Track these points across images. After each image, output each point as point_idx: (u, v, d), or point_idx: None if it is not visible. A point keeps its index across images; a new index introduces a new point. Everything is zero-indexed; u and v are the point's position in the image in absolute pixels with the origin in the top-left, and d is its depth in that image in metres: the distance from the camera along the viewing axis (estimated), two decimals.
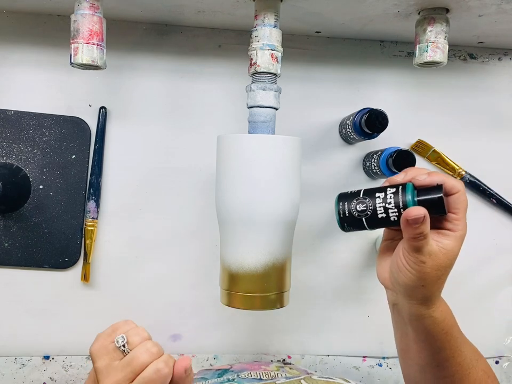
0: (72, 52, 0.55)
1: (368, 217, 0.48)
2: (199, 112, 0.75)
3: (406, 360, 0.55)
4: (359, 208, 0.48)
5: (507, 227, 0.81)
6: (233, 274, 0.55)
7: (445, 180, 0.47)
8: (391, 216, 0.47)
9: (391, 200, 0.47)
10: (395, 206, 0.47)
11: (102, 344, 0.46)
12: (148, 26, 0.73)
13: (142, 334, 0.47)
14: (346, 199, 0.50)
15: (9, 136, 0.71)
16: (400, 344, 0.55)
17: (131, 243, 0.74)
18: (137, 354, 0.45)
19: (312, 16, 0.66)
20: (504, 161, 0.80)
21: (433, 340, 0.50)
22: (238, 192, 0.54)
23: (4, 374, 0.74)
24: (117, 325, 0.49)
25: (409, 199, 0.46)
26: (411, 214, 0.44)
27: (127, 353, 0.45)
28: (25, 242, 0.72)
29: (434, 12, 0.59)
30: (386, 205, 0.47)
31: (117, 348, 0.46)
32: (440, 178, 0.47)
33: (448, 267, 0.48)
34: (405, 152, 0.67)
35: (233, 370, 0.65)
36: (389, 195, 0.47)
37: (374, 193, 0.48)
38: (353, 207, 0.49)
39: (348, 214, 0.49)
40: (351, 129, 0.71)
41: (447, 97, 0.79)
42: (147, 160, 0.74)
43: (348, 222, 0.50)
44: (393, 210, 0.47)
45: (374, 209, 0.48)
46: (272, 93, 0.56)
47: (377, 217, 0.48)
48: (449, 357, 0.51)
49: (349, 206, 0.49)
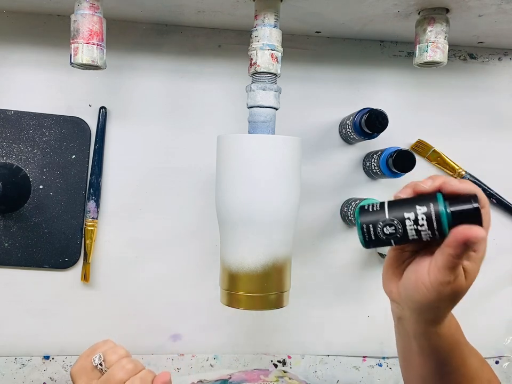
0: (72, 52, 0.55)
1: (397, 239, 0.43)
2: (199, 112, 0.75)
3: (409, 370, 0.54)
4: (387, 232, 0.43)
5: (507, 227, 0.81)
6: (233, 274, 0.55)
7: (477, 190, 0.42)
8: (424, 237, 0.42)
9: (423, 223, 0.42)
10: (428, 227, 0.42)
11: (82, 365, 0.47)
12: (148, 26, 0.73)
13: (119, 352, 0.48)
14: (370, 218, 0.43)
15: (9, 136, 0.71)
16: (403, 355, 0.54)
17: (131, 243, 0.74)
18: (113, 372, 0.45)
19: (312, 16, 0.66)
20: (504, 161, 0.80)
21: (438, 355, 0.48)
22: (238, 192, 0.54)
23: (4, 374, 0.74)
24: (96, 345, 0.50)
25: (443, 212, 0.41)
26: (472, 235, 0.39)
27: (104, 371, 0.46)
28: (25, 242, 0.72)
29: (434, 11, 0.59)
30: (418, 227, 0.42)
31: (95, 367, 0.46)
32: (473, 188, 0.42)
33: (466, 290, 0.45)
34: (405, 152, 0.67)
35: (232, 382, 0.65)
36: (420, 216, 0.42)
37: (402, 212, 0.42)
38: (380, 230, 0.43)
39: (374, 237, 0.43)
40: (351, 129, 0.71)
41: (447, 97, 0.79)
42: (147, 160, 0.74)
43: (373, 243, 0.44)
44: (426, 232, 0.42)
45: (405, 232, 0.42)
46: (272, 93, 0.56)
47: (408, 239, 0.43)
48: (454, 369, 0.49)
49: (375, 228, 0.43)
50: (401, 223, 0.42)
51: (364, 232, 0.44)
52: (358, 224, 0.44)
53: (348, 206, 0.74)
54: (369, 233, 0.43)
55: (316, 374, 0.79)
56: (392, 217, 0.42)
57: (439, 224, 0.41)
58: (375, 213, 0.43)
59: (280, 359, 0.78)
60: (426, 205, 0.42)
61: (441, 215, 0.41)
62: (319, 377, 0.79)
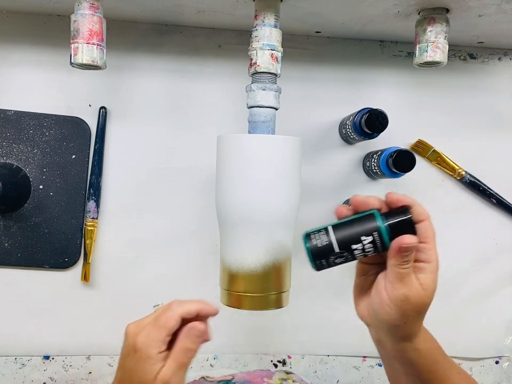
0: (72, 52, 0.55)
1: (347, 262, 0.48)
2: (199, 112, 0.75)
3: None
4: (338, 261, 0.47)
5: (507, 227, 0.81)
6: (233, 274, 0.55)
7: (413, 203, 0.46)
8: (371, 255, 0.47)
9: (370, 249, 0.46)
10: (374, 250, 0.46)
11: (140, 318, 0.48)
12: (148, 26, 0.73)
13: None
14: (319, 249, 0.47)
15: (9, 136, 0.71)
16: (391, 378, 0.55)
17: (131, 243, 0.74)
18: (161, 308, 0.46)
19: (312, 16, 0.66)
20: (504, 161, 0.80)
21: (420, 372, 0.49)
22: (238, 192, 0.54)
23: (4, 374, 0.74)
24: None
25: (382, 228, 0.45)
26: (404, 242, 0.44)
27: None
28: (25, 242, 0.72)
29: (434, 12, 0.59)
30: (366, 252, 0.46)
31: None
32: (408, 200, 0.46)
33: (428, 303, 0.47)
34: (405, 152, 0.67)
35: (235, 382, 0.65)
36: (367, 245, 0.46)
37: (350, 245, 0.46)
38: (332, 261, 0.47)
39: (326, 264, 0.47)
40: (351, 129, 0.71)
41: (447, 97, 0.79)
42: (147, 160, 0.74)
43: (325, 268, 0.48)
44: (373, 252, 0.47)
45: (354, 257, 0.47)
46: (272, 93, 0.56)
47: (356, 259, 0.48)
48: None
49: (326, 259, 0.47)
50: (351, 253, 0.46)
51: (315, 261, 0.47)
52: (309, 253, 0.47)
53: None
54: (321, 263, 0.47)
55: (316, 374, 0.79)
56: (342, 251, 0.46)
57: (382, 242, 0.46)
58: (323, 246, 0.47)
59: (280, 359, 0.78)
60: (370, 232, 0.46)
61: (381, 232, 0.45)
62: (319, 377, 0.79)
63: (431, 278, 0.47)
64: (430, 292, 0.47)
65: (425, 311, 0.48)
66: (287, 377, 0.68)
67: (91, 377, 0.75)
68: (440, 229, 0.79)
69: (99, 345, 0.74)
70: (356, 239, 0.46)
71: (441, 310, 0.80)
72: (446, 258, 0.79)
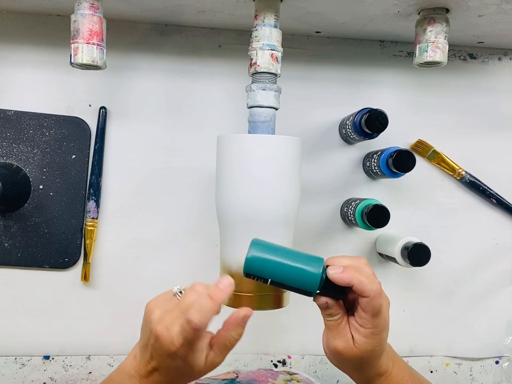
0: (72, 52, 0.55)
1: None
2: (199, 112, 0.75)
3: None
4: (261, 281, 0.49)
5: (507, 227, 0.81)
6: (233, 274, 0.55)
7: (356, 283, 0.46)
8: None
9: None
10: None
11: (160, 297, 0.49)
12: (148, 26, 0.73)
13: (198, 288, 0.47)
14: (255, 274, 0.49)
15: (9, 136, 0.71)
16: None
17: (131, 243, 0.74)
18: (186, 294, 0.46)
19: (312, 16, 0.66)
20: (504, 161, 0.80)
21: None
22: (238, 192, 0.54)
23: (4, 374, 0.74)
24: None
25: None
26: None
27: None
28: (25, 242, 0.72)
29: (434, 12, 0.59)
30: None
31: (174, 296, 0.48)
32: (354, 279, 0.46)
33: (364, 359, 0.48)
34: (405, 152, 0.67)
35: (240, 382, 0.65)
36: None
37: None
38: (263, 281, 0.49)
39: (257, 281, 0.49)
40: (351, 129, 0.71)
41: (447, 97, 0.79)
42: (147, 160, 0.74)
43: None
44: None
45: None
46: (272, 93, 0.56)
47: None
48: None
49: (258, 278, 0.49)
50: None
51: (249, 276, 0.49)
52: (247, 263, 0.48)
53: (347, 206, 0.74)
54: (248, 275, 0.49)
55: (316, 374, 0.79)
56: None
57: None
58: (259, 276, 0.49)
59: (280, 359, 0.78)
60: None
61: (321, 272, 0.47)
62: (319, 377, 0.79)
63: (366, 341, 0.48)
64: (363, 351, 0.48)
65: (367, 364, 0.49)
66: (291, 377, 0.68)
67: (91, 377, 0.75)
68: (440, 229, 0.80)
69: (99, 345, 0.74)
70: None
71: (441, 310, 0.80)
72: (446, 258, 0.80)
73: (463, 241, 0.80)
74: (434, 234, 0.79)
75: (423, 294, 0.79)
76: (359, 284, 0.46)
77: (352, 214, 0.71)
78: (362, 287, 0.46)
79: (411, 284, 0.79)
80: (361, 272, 0.47)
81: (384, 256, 0.75)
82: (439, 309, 0.80)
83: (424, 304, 0.79)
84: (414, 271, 0.78)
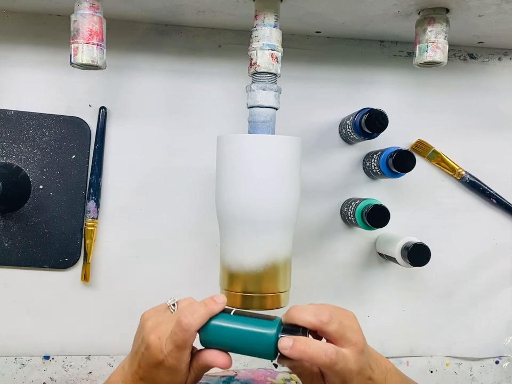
0: (72, 52, 0.55)
1: None
2: (199, 112, 0.75)
3: None
4: None
5: (507, 227, 0.81)
6: (233, 274, 0.55)
7: (307, 359, 0.43)
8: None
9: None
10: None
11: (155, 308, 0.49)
12: (148, 26, 0.73)
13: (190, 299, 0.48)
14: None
15: (9, 136, 0.71)
16: None
17: (131, 243, 0.74)
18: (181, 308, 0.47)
19: (312, 16, 0.66)
20: (504, 161, 0.80)
21: None
22: (238, 192, 0.54)
23: (4, 374, 0.74)
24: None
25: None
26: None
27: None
28: (25, 242, 0.72)
29: (434, 12, 0.59)
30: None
31: (167, 308, 0.48)
32: (303, 356, 0.43)
33: None
34: (405, 152, 0.67)
35: (239, 379, 0.65)
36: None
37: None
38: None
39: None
40: (351, 129, 0.71)
41: (447, 97, 0.79)
42: (147, 160, 0.74)
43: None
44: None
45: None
46: (272, 93, 0.56)
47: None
48: None
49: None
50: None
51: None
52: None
53: (347, 206, 0.74)
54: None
55: None
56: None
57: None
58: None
59: None
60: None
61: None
62: None
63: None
64: None
65: None
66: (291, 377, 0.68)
67: (91, 377, 0.75)
68: (440, 229, 0.79)
69: (99, 345, 0.74)
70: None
71: (441, 310, 0.80)
72: (446, 258, 0.80)
73: (463, 241, 0.80)
74: (434, 234, 0.79)
75: (423, 294, 0.79)
76: (310, 360, 0.43)
77: (352, 214, 0.72)
78: (314, 362, 0.43)
79: (411, 284, 0.79)
80: (313, 343, 0.43)
81: (384, 256, 0.75)
82: (439, 309, 0.80)
83: (424, 304, 0.79)
84: (414, 271, 0.78)
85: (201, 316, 0.45)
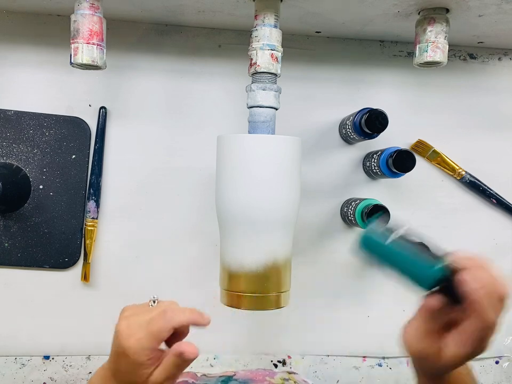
0: (72, 52, 0.55)
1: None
2: (199, 112, 0.75)
3: None
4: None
5: (507, 227, 0.81)
6: (233, 274, 0.55)
7: (478, 302, 0.42)
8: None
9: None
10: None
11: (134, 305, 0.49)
12: (148, 26, 0.73)
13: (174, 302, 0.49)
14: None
15: (9, 136, 0.71)
16: None
17: (131, 243, 0.74)
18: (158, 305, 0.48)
19: (312, 16, 0.66)
20: (504, 161, 0.80)
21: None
22: (238, 192, 0.54)
23: (4, 374, 0.74)
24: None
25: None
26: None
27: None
28: (25, 242, 0.72)
29: (434, 12, 0.59)
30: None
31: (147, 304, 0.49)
32: (478, 299, 0.42)
33: (442, 369, 0.45)
34: (405, 152, 0.67)
35: (237, 379, 0.65)
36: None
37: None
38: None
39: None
40: (351, 129, 0.71)
41: (447, 97, 0.79)
42: (147, 160, 0.74)
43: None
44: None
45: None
46: (272, 93, 0.56)
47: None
48: None
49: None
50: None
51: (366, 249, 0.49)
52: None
53: (347, 206, 0.74)
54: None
55: (315, 374, 0.79)
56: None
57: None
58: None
59: (280, 359, 0.78)
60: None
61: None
62: (319, 377, 0.79)
63: (456, 359, 0.43)
64: (447, 365, 0.44)
65: (445, 372, 0.45)
66: (289, 377, 0.68)
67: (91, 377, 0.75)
68: (440, 229, 0.79)
69: (99, 345, 0.74)
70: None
71: None
72: None
73: (463, 241, 0.80)
74: (434, 234, 0.78)
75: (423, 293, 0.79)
76: (479, 307, 0.41)
77: (352, 214, 0.72)
78: (480, 310, 0.41)
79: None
80: (490, 295, 0.42)
81: None
82: None
83: None
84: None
85: (185, 317, 0.46)
